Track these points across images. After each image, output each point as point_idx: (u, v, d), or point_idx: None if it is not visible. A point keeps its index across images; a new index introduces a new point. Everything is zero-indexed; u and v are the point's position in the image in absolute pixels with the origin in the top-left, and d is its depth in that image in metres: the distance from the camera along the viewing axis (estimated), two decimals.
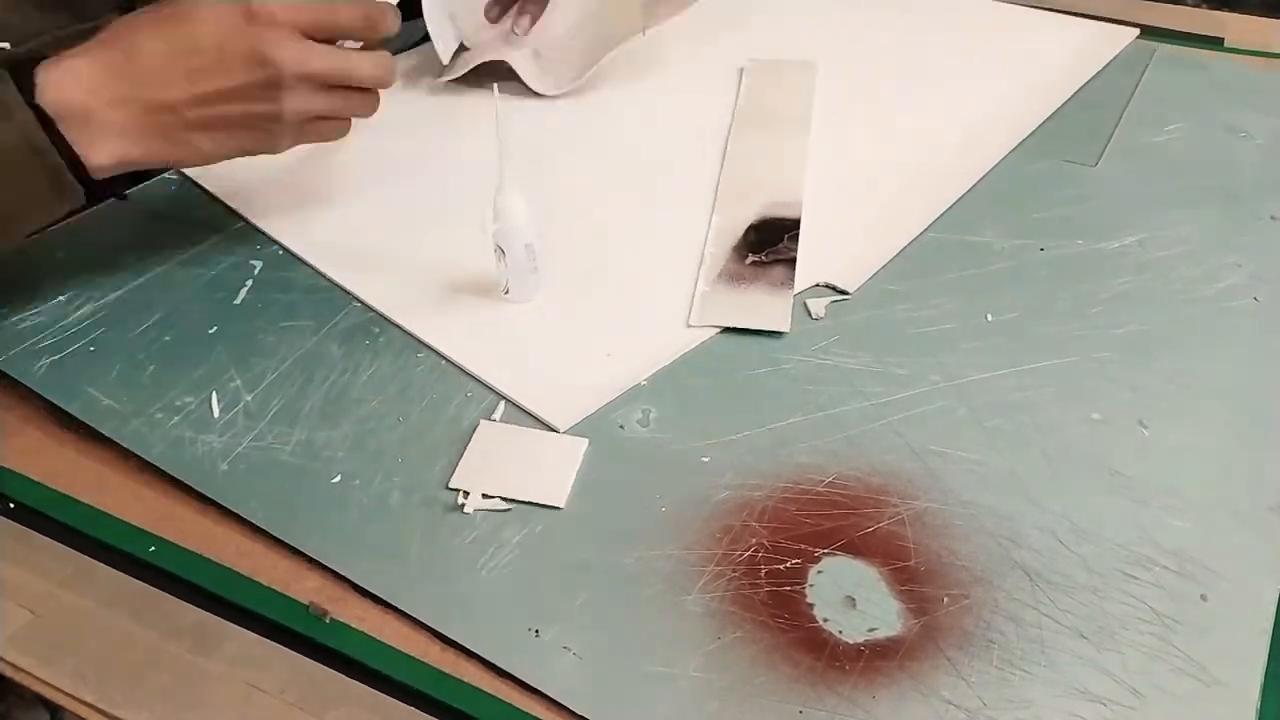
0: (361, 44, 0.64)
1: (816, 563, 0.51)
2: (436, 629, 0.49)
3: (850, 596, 0.50)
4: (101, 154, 0.58)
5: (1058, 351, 0.62)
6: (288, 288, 0.67)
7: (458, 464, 0.56)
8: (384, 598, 0.50)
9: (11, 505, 0.56)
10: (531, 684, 0.46)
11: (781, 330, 0.63)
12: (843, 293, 0.66)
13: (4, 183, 0.57)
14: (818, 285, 0.66)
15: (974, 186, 0.74)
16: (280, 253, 0.69)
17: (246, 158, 0.63)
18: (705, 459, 0.56)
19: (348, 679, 0.48)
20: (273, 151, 0.64)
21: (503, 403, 0.59)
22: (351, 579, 0.51)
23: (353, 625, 0.50)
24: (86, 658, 0.49)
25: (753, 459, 0.56)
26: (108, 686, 0.48)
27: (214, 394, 0.59)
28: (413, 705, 0.47)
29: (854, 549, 0.52)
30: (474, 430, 0.57)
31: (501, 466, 0.55)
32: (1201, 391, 0.59)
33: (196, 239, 0.70)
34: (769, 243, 0.69)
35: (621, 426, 0.58)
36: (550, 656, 0.47)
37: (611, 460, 0.56)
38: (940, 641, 0.48)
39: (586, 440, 0.57)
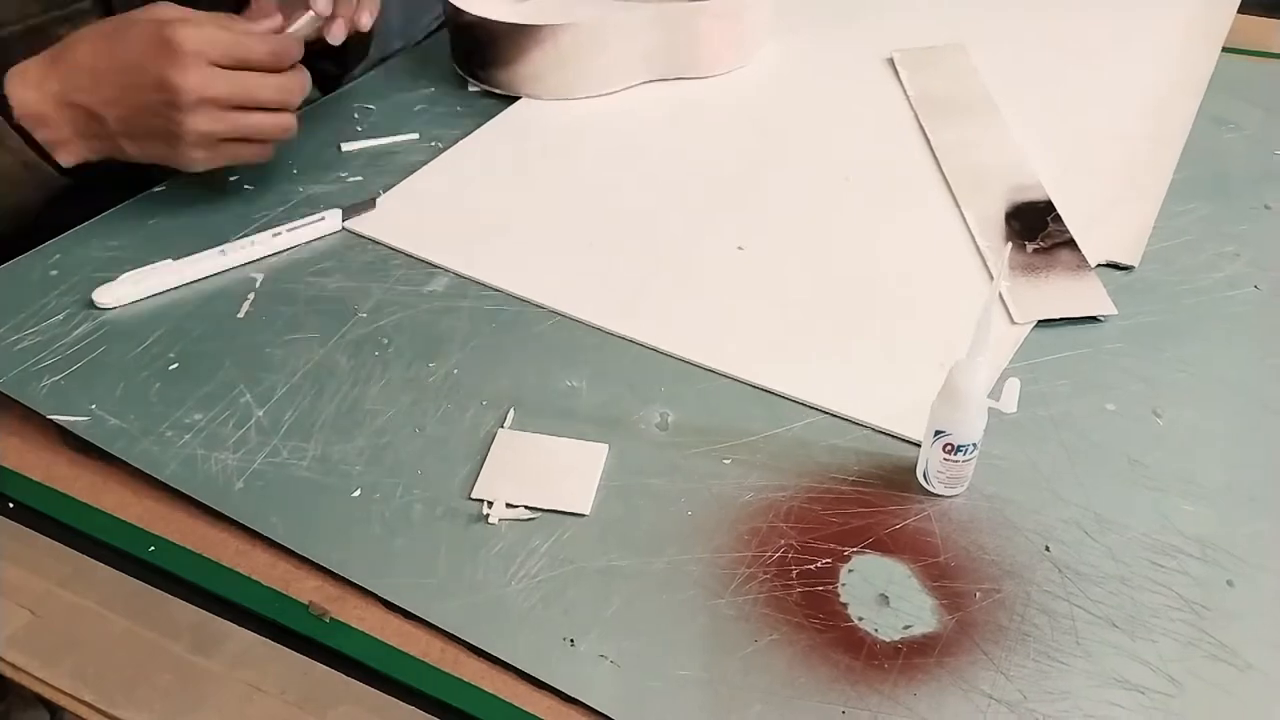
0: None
1: (847, 561, 0.51)
2: (471, 642, 0.48)
3: (883, 594, 0.50)
4: (63, 154, 0.67)
5: (1069, 344, 0.62)
6: (291, 300, 0.66)
7: (478, 474, 0.55)
8: (415, 612, 0.49)
9: (11, 505, 0.55)
10: (572, 695, 0.46)
11: (1110, 313, 0.63)
12: (1126, 268, 0.67)
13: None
14: (1100, 265, 0.67)
15: None
16: (282, 266, 0.68)
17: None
18: (727, 461, 0.56)
19: (348, 678, 0.48)
20: (191, 167, 0.68)
21: (512, 410, 0.58)
22: (380, 594, 0.50)
23: (353, 625, 0.49)
24: (86, 658, 0.49)
25: (774, 460, 0.56)
26: (108, 686, 0.47)
27: (226, 411, 0.59)
28: (413, 704, 0.47)
29: (883, 546, 0.52)
30: (491, 439, 0.57)
31: (523, 475, 0.55)
32: (1211, 379, 0.60)
33: (193, 252, 0.69)
34: (1035, 229, 0.69)
35: (640, 431, 0.57)
36: (588, 666, 0.47)
37: (632, 465, 0.56)
38: (976, 636, 0.48)
39: (606, 446, 0.56)
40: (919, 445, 0.55)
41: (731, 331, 0.64)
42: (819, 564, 0.51)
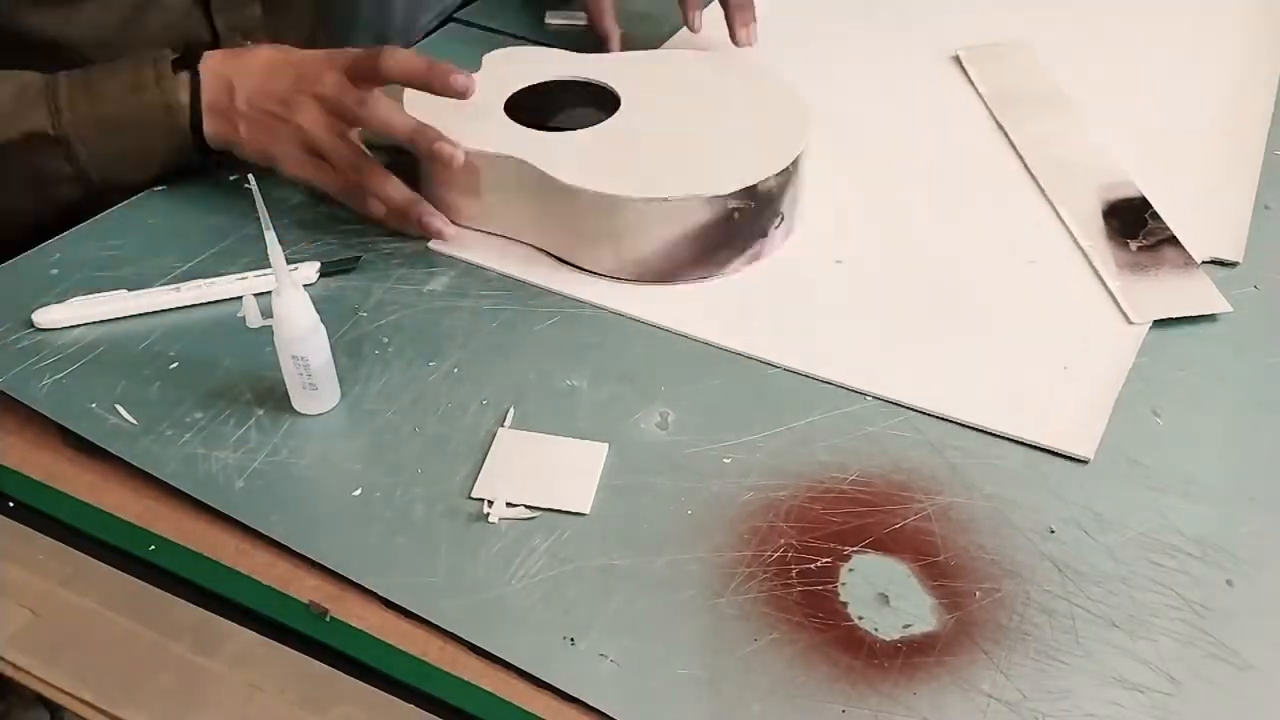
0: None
1: (846, 561, 0.51)
2: (471, 641, 0.48)
3: (883, 594, 0.50)
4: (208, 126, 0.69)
5: None
6: None
7: (479, 473, 0.55)
8: (415, 611, 0.49)
9: (11, 505, 0.55)
10: (572, 694, 0.46)
11: (1225, 311, 0.63)
12: (1231, 264, 0.67)
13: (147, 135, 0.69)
14: (1204, 262, 0.67)
15: None
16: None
17: None
18: (727, 460, 0.56)
19: (348, 678, 0.48)
20: (283, 165, 0.69)
21: (512, 409, 0.58)
22: (380, 593, 0.50)
23: (353, 624, 0.49)
24: (86, 658, 0.49)
25: (774, 459, 0.56)
26: (108, 686, 0.48)
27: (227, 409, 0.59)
28: (413, 703, 0.47)
29: (883, 546, 0.52)
30: (492, 438, 0.57)
31: (523, 474, 0.55)
32: (1211, 379, 0.60)
33: (194, 253, 0.69)
34: (1136, 225, 0.69)
35: (640, 430, 0.58)
36: (588, 665, 0.47)
37: (632, 465, 0.56)
38: (976, 635, 0.48)
39: (606, 445, 0.57)
40: (1043, 450, 0.56)
41: (850, 345, 0.62)
42: (819, 563, 0.51)
